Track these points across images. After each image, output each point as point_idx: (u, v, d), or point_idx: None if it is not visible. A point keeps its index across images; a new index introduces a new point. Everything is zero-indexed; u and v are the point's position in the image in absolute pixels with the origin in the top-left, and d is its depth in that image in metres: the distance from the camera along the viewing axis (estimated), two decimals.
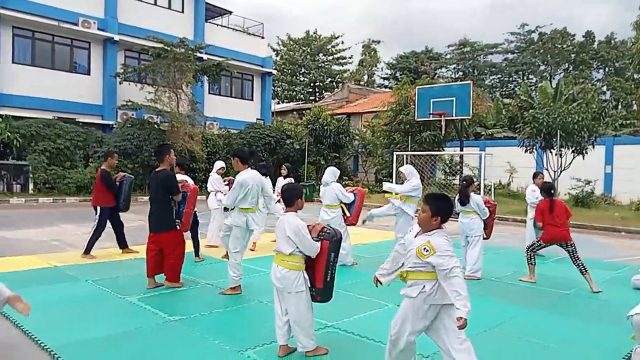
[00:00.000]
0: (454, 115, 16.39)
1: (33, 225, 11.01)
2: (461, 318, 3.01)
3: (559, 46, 44.63)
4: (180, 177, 7.25)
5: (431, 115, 16.94)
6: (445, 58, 48.65)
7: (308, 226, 3.89)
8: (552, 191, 6.87)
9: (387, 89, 41.20)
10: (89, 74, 20.98)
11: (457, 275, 3.07)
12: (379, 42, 51.09)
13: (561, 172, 16.38)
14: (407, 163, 16.94)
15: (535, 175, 9.05)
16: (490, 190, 16.15)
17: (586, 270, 6.38)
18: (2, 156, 16.98)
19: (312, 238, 3.83)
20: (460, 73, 47.49)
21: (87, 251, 7.49)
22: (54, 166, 17.54)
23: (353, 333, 4.45)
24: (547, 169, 16.38)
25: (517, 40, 46.80)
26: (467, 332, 4.49)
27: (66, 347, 3.91)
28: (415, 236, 3.33)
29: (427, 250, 3.18)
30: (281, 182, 9.38)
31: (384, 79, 50.90)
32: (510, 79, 47.88)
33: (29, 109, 18.70)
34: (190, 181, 7.18)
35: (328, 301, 3.91)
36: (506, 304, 5.72)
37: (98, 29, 20.54)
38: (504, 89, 47.17)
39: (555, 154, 16.41)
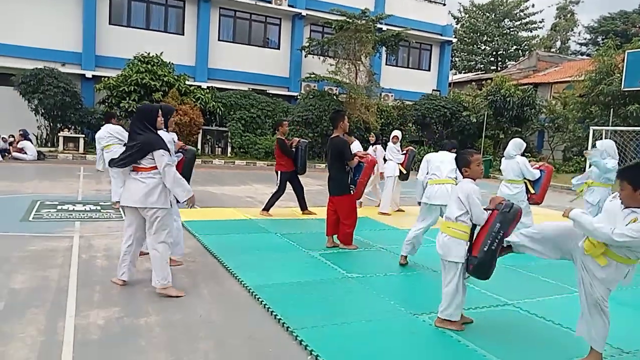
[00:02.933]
0: None
1: (231, 183, 12.63)
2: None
3: None
4: (357, 145, 7.63)
5: None
6: None
7: (493, 198, 3.72)
8: None
9: (584, 57, 36.30)
10: (278, 49, 22.80)
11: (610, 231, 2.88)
12: (577, 2, 44.92)
13: None
14: (606, 139, 14.87)
15: None
16: None
17: None
18: (208, 123, 19.64)
19: (488, 208, 3.66)
20: None
21: (266, 209, 8.16)
22: (248, 133, 19.69)
23: (536, 315, 4.18)
24: None
25: None
26: None
27: (262, 288, 4.45)
28: (624, 209, 3.01)
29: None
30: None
31: (581, 45, 44.75)
32: None
33: (229, 81, 21.18)
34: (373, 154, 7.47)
35: (483, 278, 3.67)
36: None
37: (288, 5, 22.08)
38: None
39: None
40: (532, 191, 6.96)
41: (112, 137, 8.05)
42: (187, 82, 18.46)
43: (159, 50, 18.17)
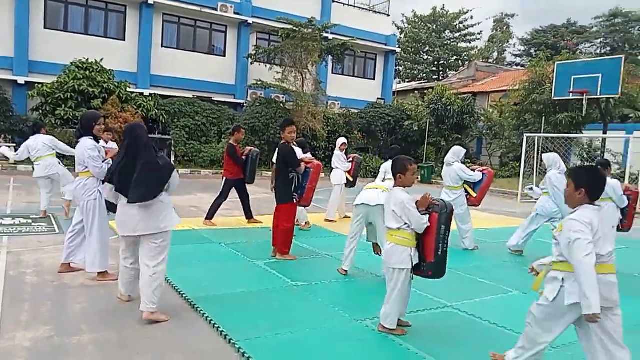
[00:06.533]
0: (598, 94, 14.75)
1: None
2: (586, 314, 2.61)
3: None
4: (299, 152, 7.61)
5: (571, 94, 15.43)
6: (590, 32, 43.59)
7: (418, 200, 3.75)
8: None
9: (519, 67, 38.29)
10: (224, 56, 22.54)
11: (581, 249, 2.61)
12: (512, 15, 47.49)
13: None
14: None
15: None
16: (637, 179, 14.37)
17: None
18: (151, 130, 19.09)
19: (420, 212, 3.68)
20: (608, 48, 42.19)
21: (209, 217, 8.00)
22: (192, 141, 19.29)
23: (474, 315, 4.33)
24: None
25: None
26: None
27: (204, 299, 4.35)
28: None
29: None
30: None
31: (516, 56, 47.23)
32: None
33: (173, 88, 20.69)
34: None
35: (441, 277, 3.79)
36: None
37: (234, 12, 21.90)
38: None
39: None
40: (473, 194, 7.23)
41: (46, 147, 7.76)
42: (128, 89, 17.85)
43: (98, 56, 17.48)
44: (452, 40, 42.58)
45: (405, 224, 3.69)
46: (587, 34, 43.41)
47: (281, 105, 20.95)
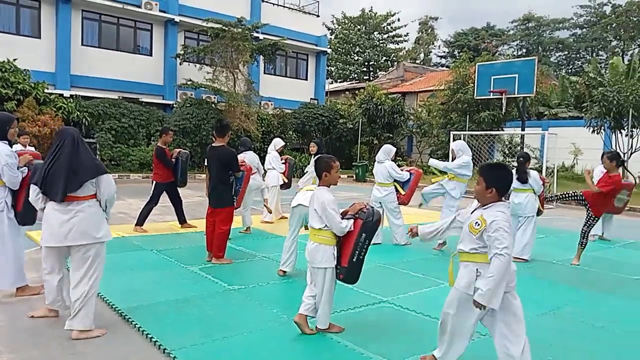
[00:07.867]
0: (515, 93, 15.74)
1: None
2: (475, 301, 2.83)
3: (635, 19, 41.38)
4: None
5: (491, 93, 16.34)
6: (507, 34, 46.48)
7: (353, 204, 3.80)
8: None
9: (444, 68, 40.06)
10: (151, 55, 21.74)
11: (503, 256, 2.78)
12: (436, 18, 49.69)
13: (631, 154, 15.43)
14: (458, 140, 16.51)
15: (604, 155, 8.56)
16: (552, 172, 15.48)
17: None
18: None
19: (348, 216, 3.71)
20: (524, 50, 45.25)
21: (139, 223, 7.68)
22: (119, 144, 18.46)
23: (408, 309, 4.47)
24: (616, 151, 15.47)
25: (587, 14, 43.81)
26: (525, 313, 4.39)
27: (135, 309, 4.17)
28: (473, 212, 3.11)
29: (479, 224, 2.92)
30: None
31: (441, 57, 49.52)
32: (578, 55, 45.12)
33: (96, 89, 19.67)
34: (248, 162, 7.36)
35: (352, 283, 3.84)
36: (565, 287, 5.53)
37: (160, 10, 21.17)
38: (571, 67, 44.58)
39: (626, 135, 15.46)
40: (402, 192, 7.46)
41: None
42: (46, 90, 16.76)
43: (10, 55, 16.26)
44: (381, 42, 43.76)
45: (326, 225, 3.73)
46: (504, 37, 46.30)
47: (213, 105, 20.55)
